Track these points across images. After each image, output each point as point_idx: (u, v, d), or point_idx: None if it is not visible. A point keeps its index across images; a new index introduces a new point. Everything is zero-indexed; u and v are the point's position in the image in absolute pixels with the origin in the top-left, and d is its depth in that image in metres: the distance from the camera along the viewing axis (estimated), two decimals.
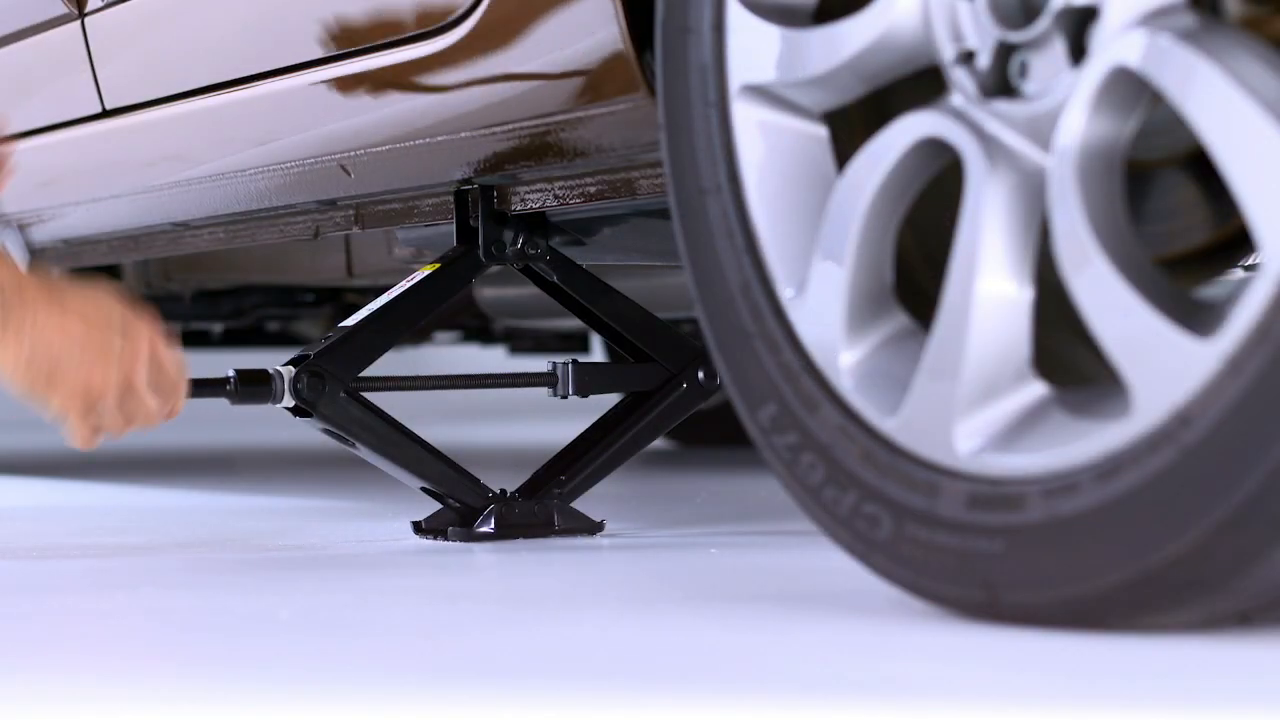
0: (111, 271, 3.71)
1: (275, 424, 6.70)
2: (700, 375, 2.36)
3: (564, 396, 2.33)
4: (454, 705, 1.25)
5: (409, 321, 2.32)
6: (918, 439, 1.50)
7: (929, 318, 1.51)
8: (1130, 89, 1.39)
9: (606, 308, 2.37)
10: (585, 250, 2.51)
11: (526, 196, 2.30)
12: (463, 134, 2.17)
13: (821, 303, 1.57)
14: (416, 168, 2.31)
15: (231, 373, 2.22)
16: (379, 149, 2.29)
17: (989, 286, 1.46)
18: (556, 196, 2.26)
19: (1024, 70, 1.45)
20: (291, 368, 2.21)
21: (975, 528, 1.45)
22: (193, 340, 4.60)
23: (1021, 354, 1.46)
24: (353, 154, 2.34)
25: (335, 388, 2.21)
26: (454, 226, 2.35)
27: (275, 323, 4.42)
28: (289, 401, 2.21)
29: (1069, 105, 1.41)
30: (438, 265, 2.33)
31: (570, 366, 2.32)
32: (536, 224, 2.35)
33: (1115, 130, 1.40)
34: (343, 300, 4.18)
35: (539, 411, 4.10)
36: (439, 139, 2.20)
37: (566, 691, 1.29)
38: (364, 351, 2.26)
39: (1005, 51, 1.46)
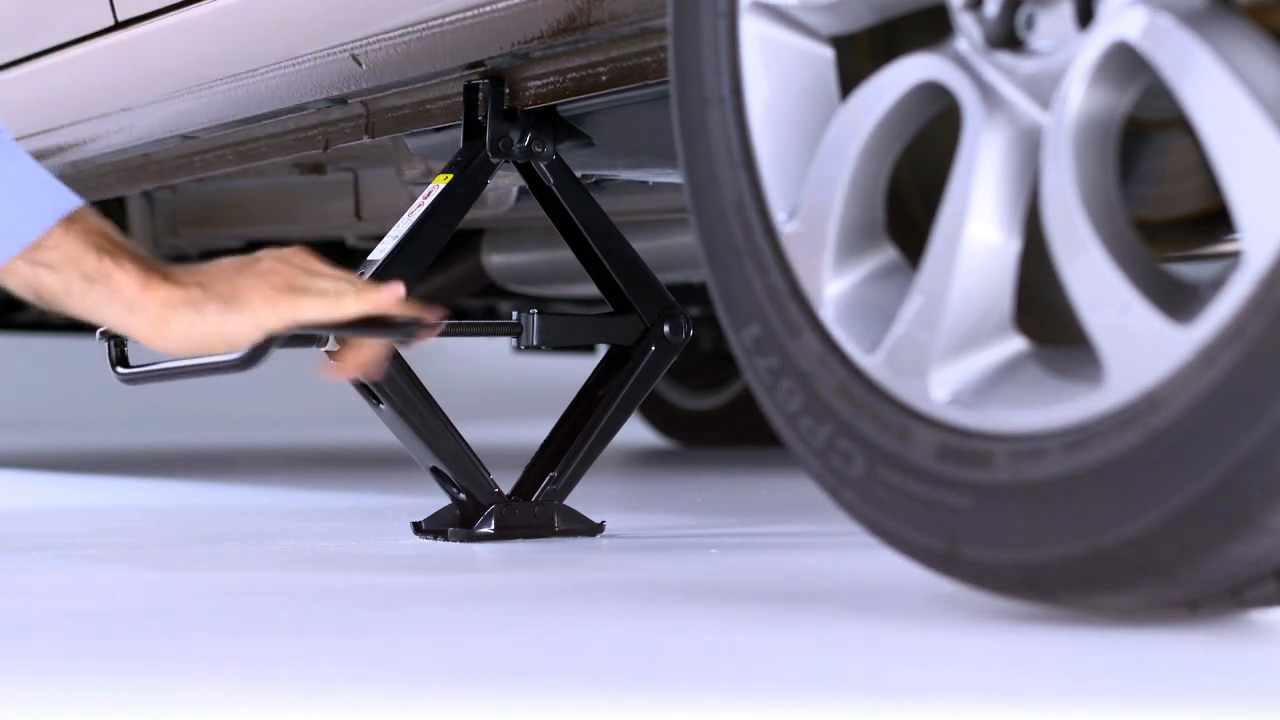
0: (119, 225, 3.70)
1: (276, 425, 6.69)
2: (666, 329, 2.34)
3: (528, 347, 2.32)
4: (454, 705, 1.25)
5: (435, 244, 2.31)
6: (894, 379, 1.51)
7: (919, 253, 1.51)
8: (1129, 63, 1.39)
9: (594, 228, 2.35)
10: (593, 157, 2.47)
11: (538, 89, 2.29)
12: (473, 12, 2.18)
13: (811, 229, 1.57)
14: (428, 54, 2.31)
15: None
16: (391, 35, 2.30)
17: (977, 233, 1.46)
18: (569, 84, 2.24)
19: (1030, 23, 1.45)
20: None
21: (945, 480, 1.45)
22: None
23: (1004, 306, 1.47)
24: (364, 42, 2.34)
25: None
26: (462, 127, 2.35)
27: None
28: (333, 346, 2.22)
29: (1069, 71, 1.41)
30: (449, 176, 2.32)
31: (535, 316, 2.31)
32: (545, 122, 2.34)
33: (1112, 102, 1.41)
34: (349, 270, 4.17)
35: (542, 412, 4.11)
36: (450, 19, 2.21)
37: (566, 691, 1.29)
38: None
39: (1014, 2, 1.46)
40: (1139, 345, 1.36)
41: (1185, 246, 1.65)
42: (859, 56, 1.63)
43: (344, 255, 4.11)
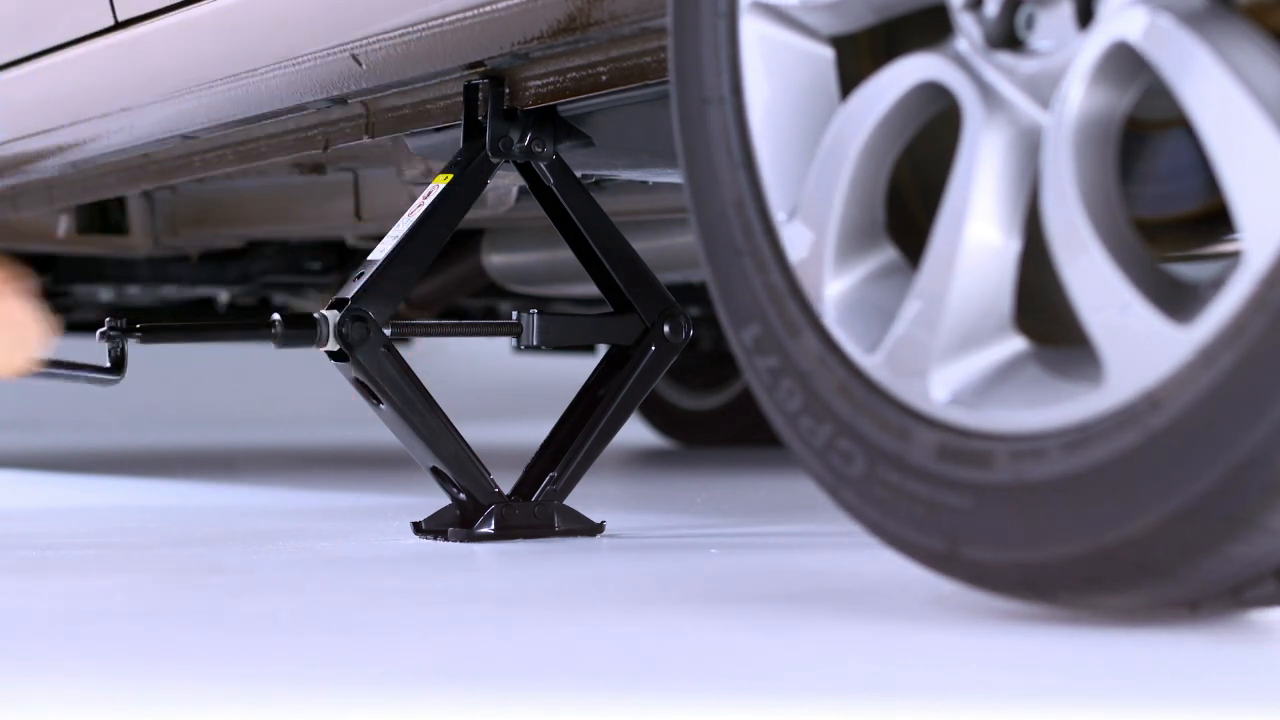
0: (119, 228, 3.70)
1: (276, 425, 6.69)
2: (666, 329, 2.34)
3: (528, 347, 2.32)
4: (454, 705, 1.25)
5: (435, 244, 2.31)
6: (894, 380, 1.51)
7: (919, 253, 1.51)
8: (1129, 63, 1.39)
9: (594, 228, 2.35)
10: (593, 157, 2.47)
11: (538, 89, 2.29)
12: (473, 12, 2.18)
13: (810, 229, 1.57)
14: (428, 54, 2.31)
15: (277, 316, 2.24)
16: (391, 35, 2.30)
17: (977, 233, 1.46)
18: (569, 84, 2.24)
19: (1030, 23, 1.45)
20: (336, 311, 2.22)
21: (945, 480, 1.45)
22: (199, 308, 4.59)
23: (1004, 306, 1.47)
24: (364, 42, 2.35)
25: (378, 337, 2.22)
26: (462, 127, 2.35)
27: (281, 296, 4.41)
28: (333, 345, 2.23)
29: (1069, 71, 1.41)
30: (449, 176, 2.32)
31: (535, 316, 2.31)
32: (545, 122, 2.34)
33: (1112, 101, 1.41)
34: (349, 270, 4.17)
35: (542, 412, 4.11)
36: (450, 19, 2.21)
37: (566, 691, 1.29)
38: (399, 285, 2.28)
39: (1014, 2, 1.46)
40: (1139, 345, 1.36)
41: (1185, 246, 1.65)
42: (859, 56, 1.63)
43: (344, 255, 4.12)
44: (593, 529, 2.31)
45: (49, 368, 2.23)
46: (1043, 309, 1.52)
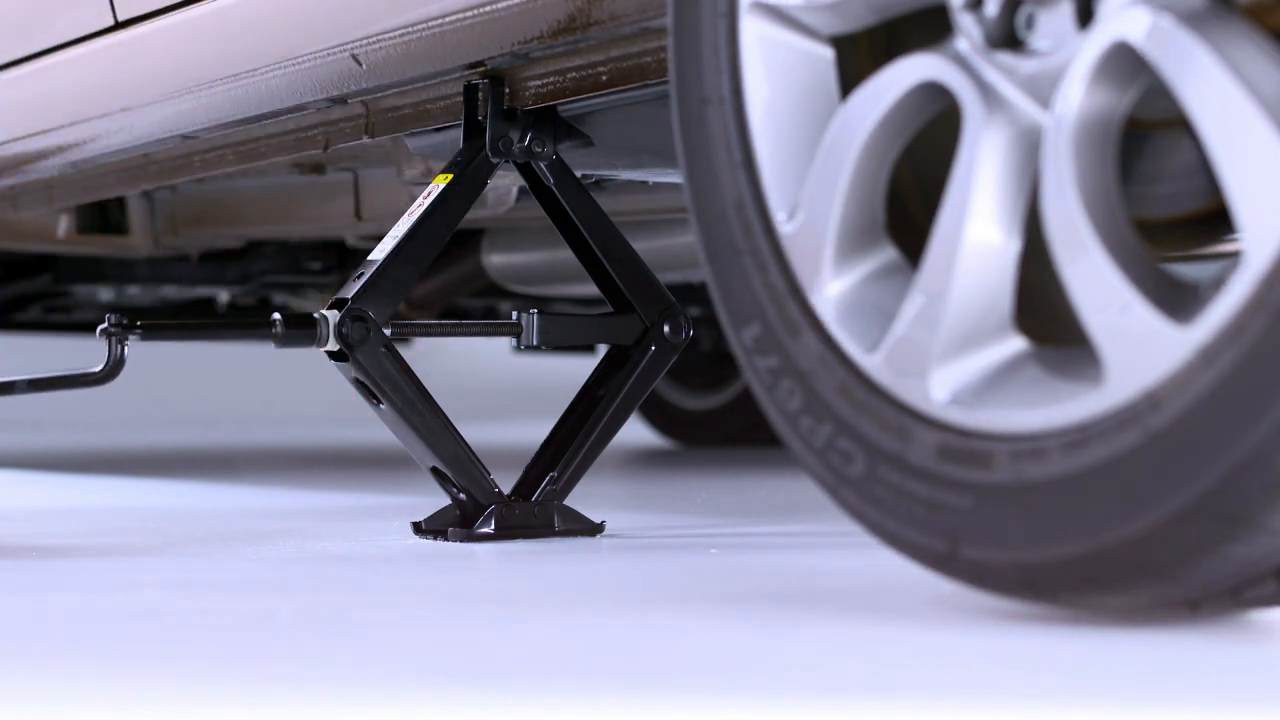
0: (119, 228, 3.70)
1: (276, 425, 6.68)
2: (666, 329, 2.34)
3: (528, 347, 2.32)
4: (454, 705, 1.25)
5: (435, 244, 2.32)
6: (894, 379, 1.51)
7: (919, 253, 1.51)
8: (1129, 64, 1.39)
9: (594, 228, 2.35)
10: (593, 157, 2.47)
11: (538, 88, 2.29)
12: (473, 12, 2.18)
13: (810, 229, 1.57)
14: (428, 54, 2.31)
15: (277, 316, 2.24)
16: (391, 35, 2.30)
17: (978, 233, 1.46)
18: (569, 84, 2.25)
19: (1030, 23, 1.45)
20: (336, 311, 2.22)
21: (945, 480, 1.46)
22: (199, 308, 4.59)
23: (1004, 306, 1.47)
24: (364, 42, 2.35)
25: (378, 337, 2.22)
26: (462, 127, 2.35)
27: (281, 296, 4.41)
28: (333, 345, 2.23)
29: (1069, 71, 1.41)
30: (449, 176, 2.33)
31: (535, 316, 2.32)
32: (545, 122, 2.34)
33: (1112, 101, 1.41)
34: (349, 270, 4.18)
35: (542, 412, 4.11)
36: (450, 19, 2.22)
37: (565, 691, 1.29)
38: (399, 285, 2.28)
39: (1014, 2, 1.46)
40: (1139, 345, 1.36)
41: (1185, 246, 1.65)
42: (859, 56, 1.63)
43: (344, 255, 4.12)
44: (593, 529, 2.31)
45: (31, 387, 2.24)
46: (1043, 309, 1.52)
